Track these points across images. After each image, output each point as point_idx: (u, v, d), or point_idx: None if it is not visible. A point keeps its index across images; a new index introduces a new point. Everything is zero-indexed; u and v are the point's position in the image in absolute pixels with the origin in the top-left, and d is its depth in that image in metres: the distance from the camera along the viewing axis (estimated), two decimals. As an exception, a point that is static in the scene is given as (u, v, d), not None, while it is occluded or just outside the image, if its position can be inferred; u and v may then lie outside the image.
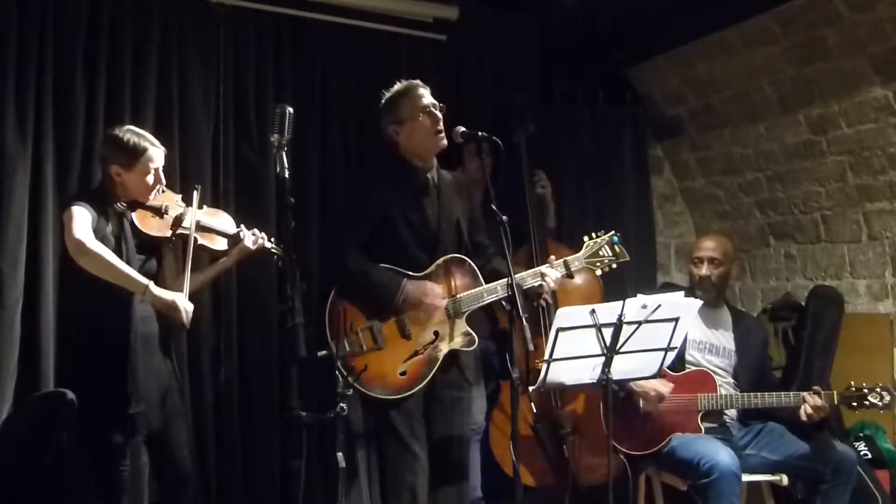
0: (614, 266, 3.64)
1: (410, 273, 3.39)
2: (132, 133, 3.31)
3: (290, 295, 2.70)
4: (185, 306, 3.22)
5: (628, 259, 3.68)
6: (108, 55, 4.04)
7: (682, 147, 5.73)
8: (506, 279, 3.33)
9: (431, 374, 3.37)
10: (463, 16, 4.89)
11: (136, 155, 3.26)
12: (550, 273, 3.48)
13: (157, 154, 3.32)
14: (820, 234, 5.13)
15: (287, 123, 2.76)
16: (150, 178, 3.30)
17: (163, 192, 3.41)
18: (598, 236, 3.63)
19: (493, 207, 3.21)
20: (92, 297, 3.19)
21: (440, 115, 3.44)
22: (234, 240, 3.51)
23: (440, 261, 3.45)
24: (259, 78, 4.42)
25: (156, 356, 3.34)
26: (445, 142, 3.45)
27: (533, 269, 3.51)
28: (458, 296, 3.43)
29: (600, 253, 3.59)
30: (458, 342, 3.42)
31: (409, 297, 3.34)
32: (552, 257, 3.57)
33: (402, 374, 3.32)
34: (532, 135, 4.68)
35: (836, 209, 4.96)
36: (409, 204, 3.42)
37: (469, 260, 3.50)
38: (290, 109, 2.77)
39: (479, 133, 3.36)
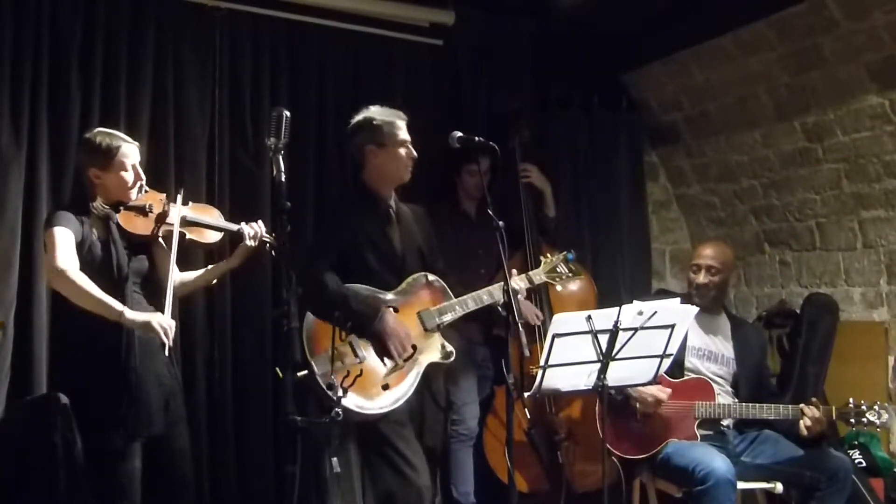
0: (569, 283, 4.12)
1: (388, 296, 3.43)
2: (103, 134, 3.31)
3: (286, 299, 2.68)
4: (162, 323, 3.10)
5: (581, 276, 4.14)
6: (104, 58, 4.03)
7: (677, 153, 5.73)
8: (475, 293, 3.51)
9: (416, 385, 3.38)
10: (459, 20, 4.89)
11: (110, 154, 3.25)
12: (520, 285, 3.59)
13: (131, 150, 3.32)
14: (815, 242, 5.13)
15: (284, 127, 2.74)
16: (129, 175, 3.30)
17: (146, 191, 3.40)
18: (552, 255, 3.83)
19: (490, 213, 3.21)
20: None
21: (415, 155, 3.56)
22: (237, 237, 3.52)
23: (410, 278, 3.52)
24: (255, 81, 4.41)
25: (158, 361, 3.32)
26: (409, 177, 3.57)
27: (499, 283, 3.48)
28: (431, 309, 3.50)
29: (558, 269, 3.79)
30: (436, 355, 3.48)
31: (385, 329, 3.31)
32: (514, 270, 3.60)
33: (385, 387, 3.31)
34: (528, 140, 4.68)
35: (832, 217, 4.97)
36: (374, 229, 3.51)
37: (438, 278, 3.59)
38: (287, 113, 2.75)
39: (476, 138, 3.36)
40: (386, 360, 3.33)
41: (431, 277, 3.57)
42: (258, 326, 4.30)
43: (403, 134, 3.54)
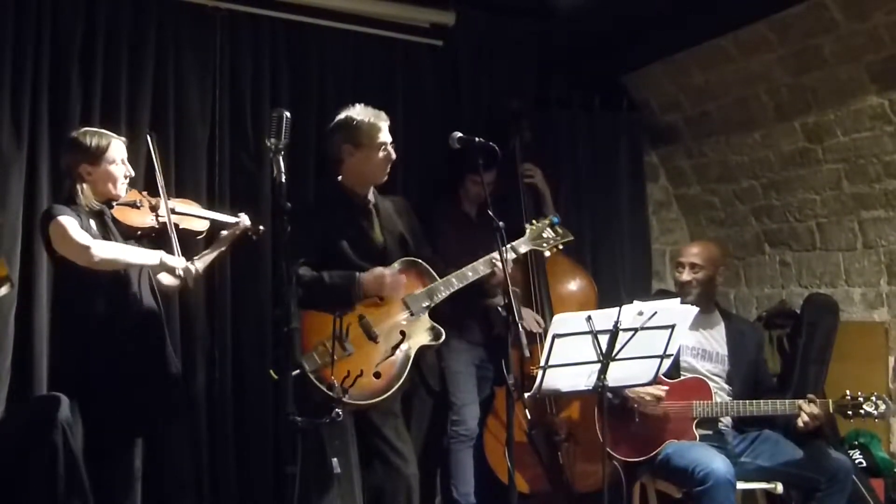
0: (560, 246, 3.78)
1: None
2: (91, 133, 3.35)
3: (286, 299, 2.69)
4: (190, 266, 3.33)
5: (573, 238, 3.83)
6: (104, 58, 4.03)
7: (677, 154, 5.74)
8: (459, 271, 3.53)
9: (407, 372, 3.41)
10: (460, 21, 4.89)
11: (99, 150, 3.30)
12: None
13: (118, 145, 3.36)
14: (815, 242, 5.13)
15: (284, 128, 2.75)
16: (119, 170, 3.34)
17: (129, 189, 3.45)
18: (538, 221, 3.78)
19: (490, 213, 3.22)
20: (90, 296, 3.20)
21: (394, 156, 3.56)
22: (222, 226, 3.64)
23: (393, 265, 3.53)
24: (255, 82, 4.41)
25: (161, 356, 3.33)
26: (385, 178, 3.62)
27: (483, 259, 3.57)
28: (416, 292, 3.51)
29: (544, 235, 3.72)
30: (425, 337, 3.49)
31: (367, 284, 3.42)
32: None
33: (377, 376, 3.34)
34: (528, 140, 4.68)
35: (832, 217, 4.97)
36: (350, 225, 3.55)
37: (421, 261, 3.61)
38: (288, 114, 2.76)
39: (476, 139, 3.36)
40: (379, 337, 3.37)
41: (414, 262, 3.59)
42: (258, 326, 4.30)
43: (383, 136, 3.56)
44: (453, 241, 4.17)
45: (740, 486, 3.70)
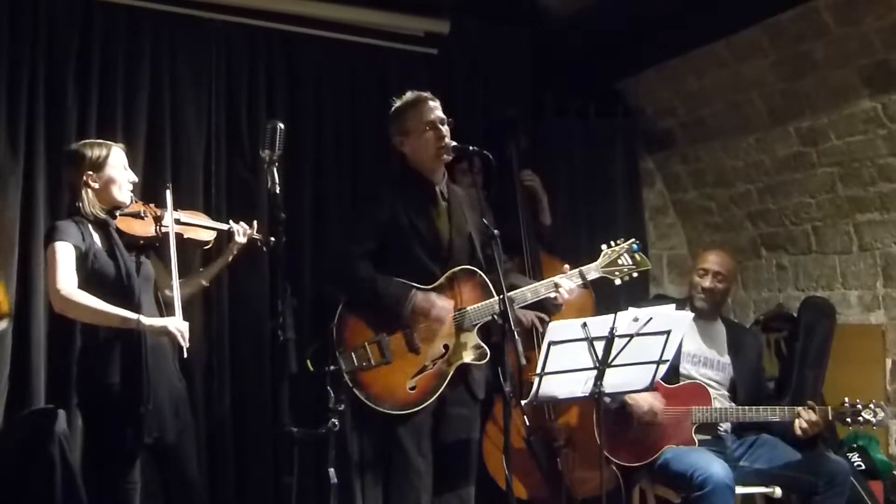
0: (634, 275, 3.53)
1: (419, 286, 3.32)
2: (90, 144, 3.34)
3: (282, 310, 2.69)
4: (178, 327, 3.15)
5: (650, 267, 3.58)
6: (100, 70, 4.05)
7: (673, 159, 5.75)
8: (514, 291, 3.33)
9: (442, 389, 3.30)
10: (454, 30, 4.92)
11: (101, 158, 3.28)
12: (565, 283, 3.42)
13: (119, 152, 3.35)
14: (811, 245, 5.14)
15: (278, 139, 2.76)
16: (123, 175, 3.32)
17: (134, 200, 3.43)
18: (616, 244, 3.54)
19: (485, 221, 3.21)
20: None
21: (446, 131, 3.39)
22: (228, 237, 3.56)
23: (449, 272, 3.37)
24: (251, 93, 4.43)
25: (167, 367, 3.32)
26: (449, 157, 3.39)
27: (547, 280, 3.45)
28: (468, 308, 3.36)
29: (619, 262, 3.50)
30: (468, 356, 3.34)
31: (417, 307, 3.26)
32: (566, 266, 3.52)
33: (412, 388, 3.25)
34: (523, 148, 4.69)
35: (827, 220, 4.98)
36: (418, 213, 3.35)
37: (480, 272, 3.42)
38: (281, 125, 2.77)
39: (470, 147, 3.36)
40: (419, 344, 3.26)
41: (472, 271, 3.41)
42: (256, 337, 4.31)
43: (428, 115, 3.39)
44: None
45: (739, 490, 3.71)
